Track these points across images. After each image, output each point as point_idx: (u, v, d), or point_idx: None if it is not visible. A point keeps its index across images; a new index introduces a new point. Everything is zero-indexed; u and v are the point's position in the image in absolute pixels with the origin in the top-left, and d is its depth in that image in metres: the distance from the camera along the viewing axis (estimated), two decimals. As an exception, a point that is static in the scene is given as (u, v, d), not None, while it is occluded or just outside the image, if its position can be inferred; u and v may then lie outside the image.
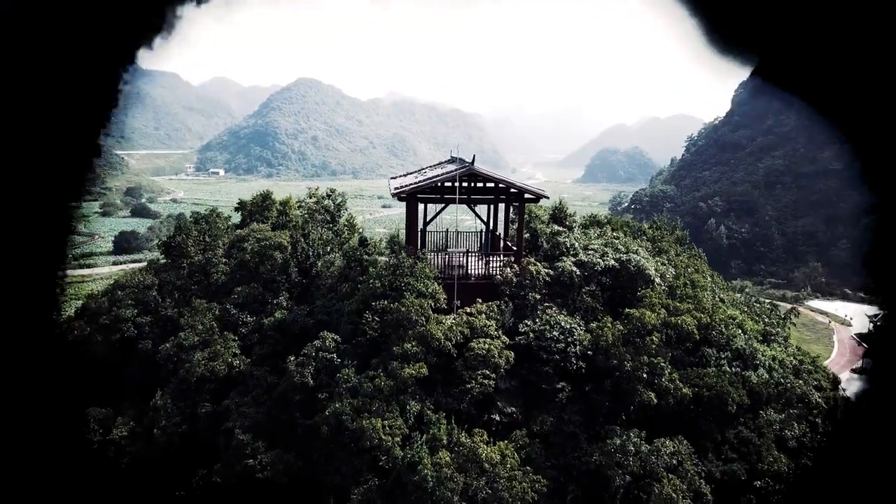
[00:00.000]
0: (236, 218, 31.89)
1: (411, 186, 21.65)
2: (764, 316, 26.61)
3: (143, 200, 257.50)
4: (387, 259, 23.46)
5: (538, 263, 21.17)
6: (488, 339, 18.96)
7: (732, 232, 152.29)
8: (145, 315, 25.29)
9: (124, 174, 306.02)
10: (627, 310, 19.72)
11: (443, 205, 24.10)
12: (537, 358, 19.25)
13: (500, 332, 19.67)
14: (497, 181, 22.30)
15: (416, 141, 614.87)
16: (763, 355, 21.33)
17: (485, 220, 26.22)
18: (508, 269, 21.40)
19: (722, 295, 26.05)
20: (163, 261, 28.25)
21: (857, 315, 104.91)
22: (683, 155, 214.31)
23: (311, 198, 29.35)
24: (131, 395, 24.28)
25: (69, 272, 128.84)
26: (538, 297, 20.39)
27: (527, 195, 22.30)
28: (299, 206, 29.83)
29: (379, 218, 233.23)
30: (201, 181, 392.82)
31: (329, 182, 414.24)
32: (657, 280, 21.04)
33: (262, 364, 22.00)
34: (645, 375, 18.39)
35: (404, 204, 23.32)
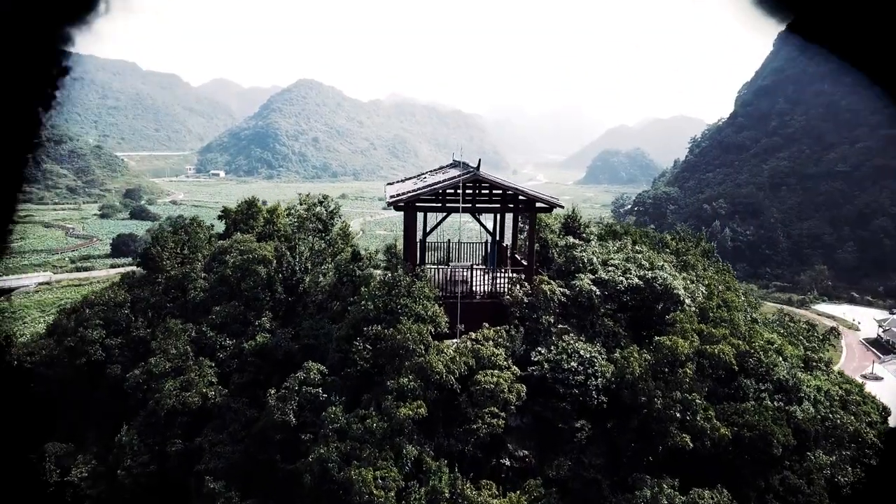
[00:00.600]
0: (221, 227, 29.46)
1: (410, 194, 19.15)
2: (802, 338, 23.92)
3: (143, 202, 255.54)
4: (382, 274, 21.05)
5: (552, 282, 18.65)
6: (496, 371, 16.44)
7: (737, 234, 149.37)
8: (115, 336, 22.78)
9: (123, 176, 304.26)
10: (657, 338, 17.19)
11: (444, 214, 21.61)
12: (553, 392, 16.74)
13: (509, 361, 17.13)
14: (505, 188, 19.80)
15: (416, 142, 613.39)
16: (807, 386, 18.80)
17: (490, 229, 23.78)
18: (518, 287, 18.90)
19: (754, 314, 23.51)
20: (140, 272, 25.77)
21: (865, 319, 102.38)
22: (687, 156, 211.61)
23: (301, 205, 26.84)
24: (98, 426, 21.85)
25: (66, 276, 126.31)
26: (552, 320, 17.88)
27: (539, 204, 19.79)
28: (288, 214, 27.34)
29: (380, 220, 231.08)
30: (202, 183, 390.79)
31: (330, 184, 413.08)
32: (687, 301, 18.51)
33: (241, 394, 19.48)
34: (678, 414, 15.90)
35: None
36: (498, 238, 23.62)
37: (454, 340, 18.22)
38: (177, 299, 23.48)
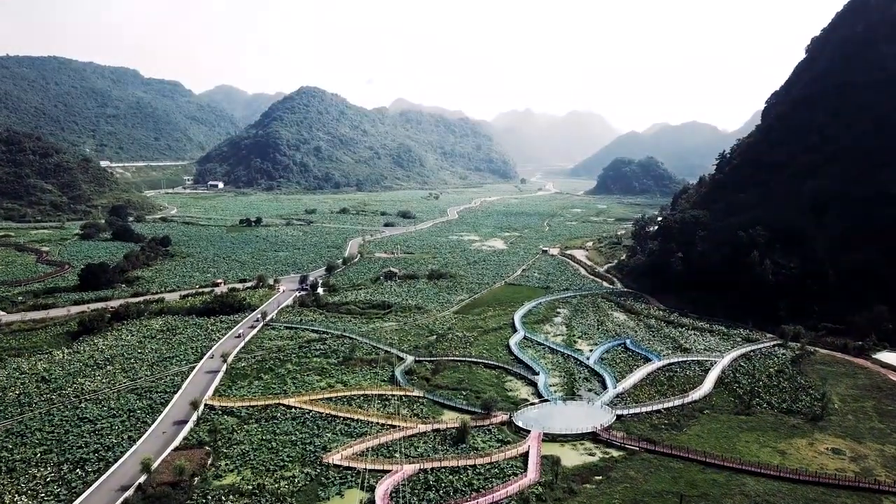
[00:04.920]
0: None
1: None
2: None
3: (131, 219, 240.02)
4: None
5: None
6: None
7: (779, 267, 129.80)
8: None
9: (112, 190, 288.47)
10: None
11: None
12: None
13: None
14: None
15: (422, 150, 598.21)
16: None
17: None
18: None
19: None
20: None
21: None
22: (715, 175, 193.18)
23: None
24: None
25: (18, 318, 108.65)
26: None
27: None
28: None
29: (380, 240, 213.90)
30: (199, 195, 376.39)
31: (331, 195, 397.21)
32: None
33: None
34: None
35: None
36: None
37: None
38: None
